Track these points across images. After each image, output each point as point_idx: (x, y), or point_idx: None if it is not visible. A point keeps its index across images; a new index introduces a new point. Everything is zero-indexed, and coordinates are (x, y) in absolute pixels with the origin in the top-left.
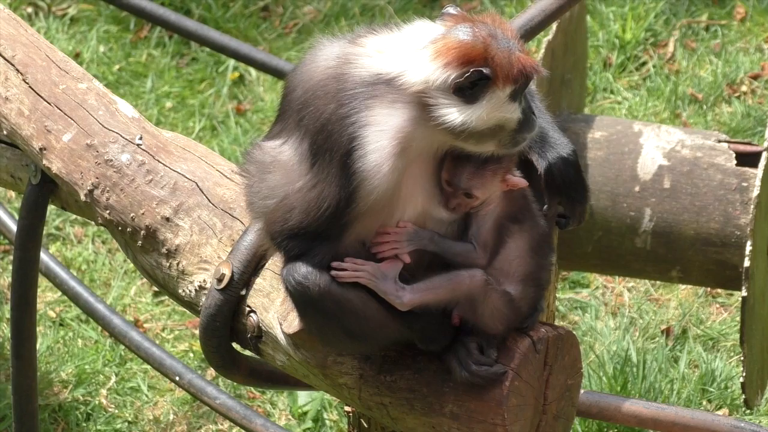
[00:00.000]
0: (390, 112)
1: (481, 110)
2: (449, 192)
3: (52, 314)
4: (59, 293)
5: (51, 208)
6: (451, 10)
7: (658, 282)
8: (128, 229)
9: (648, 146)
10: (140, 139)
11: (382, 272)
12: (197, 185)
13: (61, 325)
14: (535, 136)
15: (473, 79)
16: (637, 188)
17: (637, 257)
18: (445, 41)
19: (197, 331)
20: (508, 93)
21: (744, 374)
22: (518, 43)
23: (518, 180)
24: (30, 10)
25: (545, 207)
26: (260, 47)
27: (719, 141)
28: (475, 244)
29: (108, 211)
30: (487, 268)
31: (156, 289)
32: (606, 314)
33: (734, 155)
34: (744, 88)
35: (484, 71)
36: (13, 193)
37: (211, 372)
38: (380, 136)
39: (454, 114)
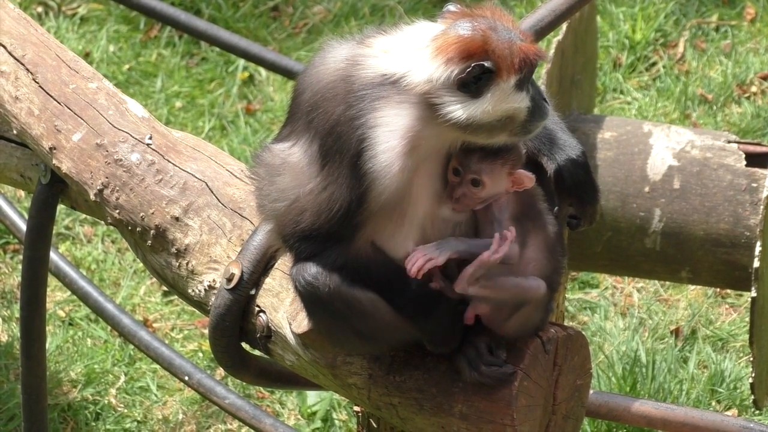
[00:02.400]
0: (398, 113)
1: (486, 104)
2: (455, 181)
3: (61, 314)
4: (69, 293)
5: (61, 207)
6: (451, 7)
7: (667, 282)
8: (138, 229)
9: (658, 147)
10: (150, 138)
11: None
12: (207, 185)
13: (70, 324)
14: (547, 124)
15: (476, 73)
16: (646, 189)
17: (646, 258)
18: (445, 38)
19: (206, 331)
20: (513, 83)
21: (753, 375)
22: (520, 33)
23: (526, 175)
24: (40, 9)
25: (556, 208)
26: (270, 47)
27: (729, 141)
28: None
29: (118, 211)
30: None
31: (165, 288)
32: (615, 314)
33: (744, 156)
34: (754, 89)
35: (486, 64)
36: (23, 193)
37: (221, 372)
38: (390, 136)
39: (459, 110)
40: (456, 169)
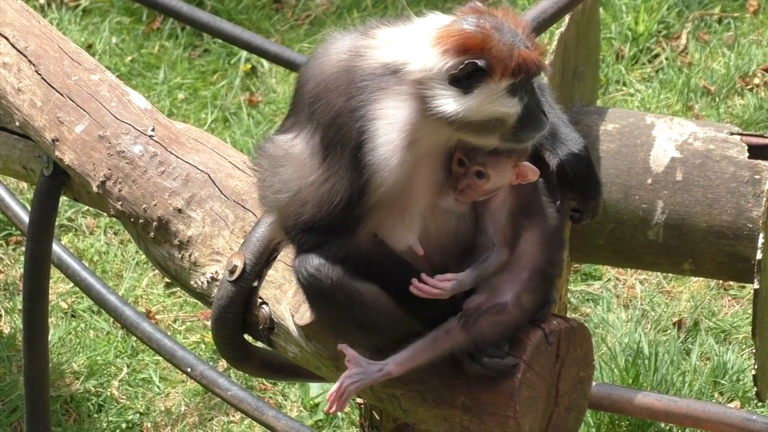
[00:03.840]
0: (397, 105)
1: (472, 101)
2: (460, 172)
3: (64, 305)
4: (71, 284)
5: (63, 199)
6: (470, 3)
7: (670, 274)
8: (140, 221)
9: (660, 138)
10: (152, 130)
11: (364, 366)
12: (209, 177)
13: (73, 316)
14: (544, 136)
15: (468, 70)
16: (649, 180)
17: (649, 250)
18: (448, 30)
19: (209, 323)
20: (505, 87)
21: (755, 367)
22: (527, 39)
23: (530, 168)
24: (42, 1)
25: (558, 203)
26: (272, 39)
27: (731, 133)
28: (497, 247)
29: (120, 203)
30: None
31: (168, 280)
32: (618, 306)
33: (746, 148)
34: (756, 81)
35: (479, 63)
36: (25, 185)
37: (223, 363)
38: (389, 129)
39: (448, 103)
40: (461, 160)
